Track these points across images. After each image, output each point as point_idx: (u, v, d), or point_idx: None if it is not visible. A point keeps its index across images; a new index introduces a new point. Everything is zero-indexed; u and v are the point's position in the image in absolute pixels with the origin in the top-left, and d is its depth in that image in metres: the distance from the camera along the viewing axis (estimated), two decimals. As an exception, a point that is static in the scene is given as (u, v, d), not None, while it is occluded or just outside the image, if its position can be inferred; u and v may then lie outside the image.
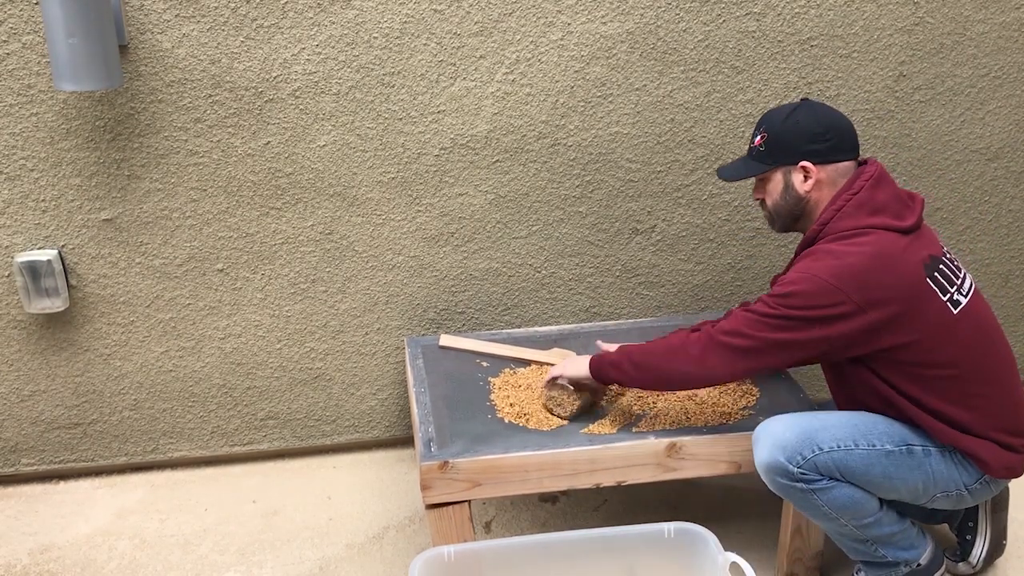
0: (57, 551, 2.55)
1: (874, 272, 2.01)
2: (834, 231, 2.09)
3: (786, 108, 2.18)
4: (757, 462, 2.11)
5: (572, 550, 2.08)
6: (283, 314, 2.78)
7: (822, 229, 2.11)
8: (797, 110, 2.15)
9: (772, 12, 2.66)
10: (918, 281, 2.05)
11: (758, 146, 2.18)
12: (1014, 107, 2.89)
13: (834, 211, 2.10)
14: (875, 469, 2.07)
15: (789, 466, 2.05)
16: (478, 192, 2.73)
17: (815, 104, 2.17)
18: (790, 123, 2.13)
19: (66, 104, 2.46)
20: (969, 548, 2.35)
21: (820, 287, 2.00)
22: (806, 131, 2.12)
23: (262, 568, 2.48)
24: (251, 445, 2.93)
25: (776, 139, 2.15)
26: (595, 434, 2.27)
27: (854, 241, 2.05)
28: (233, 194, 2.62)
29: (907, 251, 2.05)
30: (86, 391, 2.77)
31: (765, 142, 2.17)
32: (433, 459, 2.16)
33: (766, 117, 2.20)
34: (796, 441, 2.06)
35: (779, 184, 2.18)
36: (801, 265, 2.09)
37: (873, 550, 2.19)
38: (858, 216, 2.08)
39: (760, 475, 2.11)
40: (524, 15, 2.56)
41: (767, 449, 2.08)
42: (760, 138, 2.18)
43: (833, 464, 2.05)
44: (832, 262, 2.03)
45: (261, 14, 2.46)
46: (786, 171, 2.16)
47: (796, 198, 2.16)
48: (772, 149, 2.16)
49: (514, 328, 2.89)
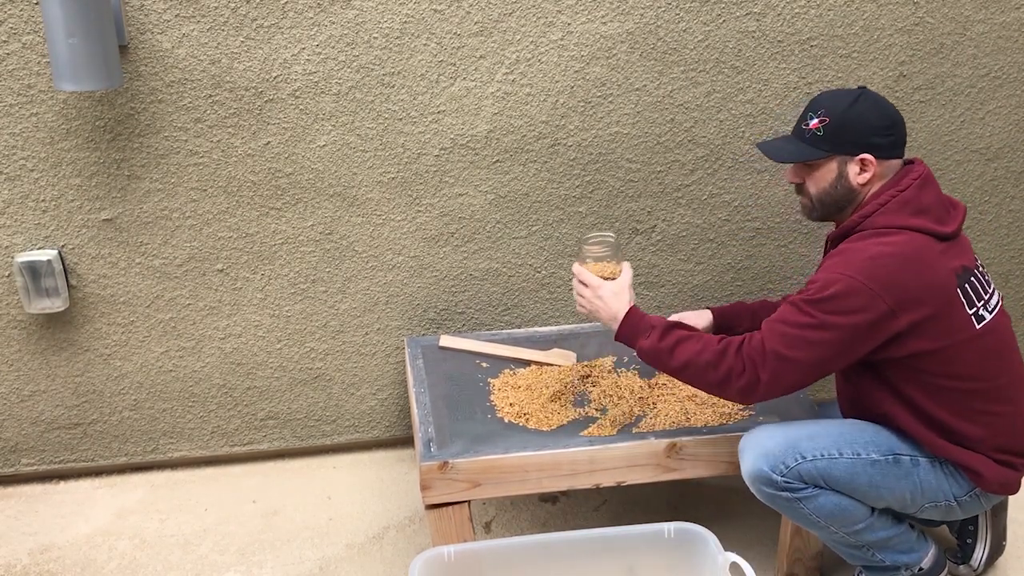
0: (57, 551, 2.55)
1: (907, 274, 1.97)
2: (872, 226, 2.04)
3: (846, 94, 2.09)
4: (743, 472, 2.10)
5: (572, 550, 2.07)
6: (283, 314, 2.78)
7: (862, 222, 2.06)
8: (861, 99, 2.07)
9: (772, 12, 2.66)
10: (949, 289, 2.01)
11: (814, 129, 2.09)
12: (1014, 107, 2.89)
13: (878, 205, 2.05)
14: (860, 478, 2.05)
15: (773, 475, 2.04)
16: (478, 192, 2.73)
17: (875, 95, 2.10)
18: (855, 112, 2.06)
19: (66, 104, 2.46)
20: (970, 552, 2.34)
21: (856, 288, 1.95)
22: (871, 123, 2.06)
23: (262, 568, 2.48)
24: (251, 445, 2.93)
25: (839, 126, 2.06)
26: (595, 435, 2.27)
27: (888, 240, 2.00)
28: (233, 194, 2.62)
29: (941, 257, 2.02)
30: (86, 391, 2.77)
31: (825, 127, 2.07)
32: (433, 459, 2.16)
33: (824, 100, 2.11)
34: (779, 450, 2.04)
35: (831, 173, 2.10)
36: (834, 264, 2.02)
37: (870, 555, 2.18)
38: (900, 214, 2.03)
39: (747, 484, 2.11)
40: (524, 15, 2.56)
41: (751, 459, 2.07)
42: (818, 121, 2.08)
43: (817, 472, 2.03)
44: (867, 262, 1.98)
45: (261, 14, 2.46)
46: (842, 160, 2.08)
47: (848, 189, 2.10)
48: (832, 136, 2.07)
49: (514, 328, 2.90)
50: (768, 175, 2.84)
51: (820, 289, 1.98)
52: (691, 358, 2.05)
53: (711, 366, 2.04)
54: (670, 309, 2.96)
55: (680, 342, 2.07)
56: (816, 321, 1.97)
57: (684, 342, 2.07)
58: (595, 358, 2.62)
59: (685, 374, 2.08)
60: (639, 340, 2.12)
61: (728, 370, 2.02)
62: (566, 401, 2.43)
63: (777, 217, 2.89)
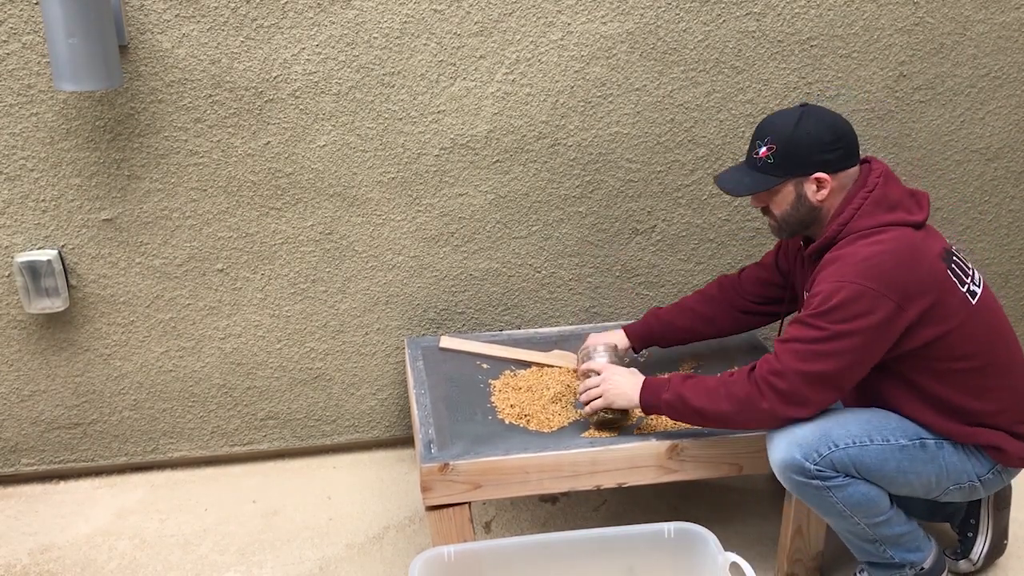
0: (57, 551, 2.55)
1: (903, 268, 1.99)
2: (854, 230, 2.06)
3: (789, 116, 2.10)
4: (772, 460, 2.10)
5: (572, 550, 2.07)
6: (283, 314, 2.77)
7: (841, 230, 2.08)
8: (804, 119, 2.08)
9: (772, 12, 2.66)
10: (941, 273, 2.04)
11: (764, 158, 2.10)
12: (1014, 107, 2.89)
13: (853, 211, 2.07)
14: (889, 464, 2.08)
15: (806, 463, 2.05)
16: (478, 192, 2.73)
17: (817, 109, 2.11)
18: (800, 133, 2.07)
19: (66, 104, 2.46)
20: (970, 545, 2.35)
21: (859, 292, 1.97)
22: (817, 141, 2.06)
23: (262, 568, 2.48)
24: (251, 445, 2.93)
25: (787, 151, 2.08)
26: (596, 436, 2.27)
27: (877, 239, 2.02)
28: (233, 194, 2.62)
29: (925, 244, 2.05)
30: (86, 391, 2.77)
31: (774, 154, 2.09)
32: (433, 461, 2.16)
33: (769, 126, 2.12)
34: (812, 438, 2.05)
35: (789, 195, 2.12)
36: (830, 273, 2.03)
37: (881, 551, 2.19)
38: (876, 214, 2.06)
39: (776, 473, 2.11)
40: (524, 15, 2.56)
41: (783, 447, 2.07)
42: (767, 149, 2.10)
43: (849, 460, 2.05)
44: (862, 265, 1.99)
45: (261, 14, 2.45)
46: (798, 182, 2.10)
47: (810, 208, 2.12)
48: (782, 161, 2.09)
49: (514, 328, 2.90)
50: (768, 175, 2.84)
51: (824, 300, 1.99)
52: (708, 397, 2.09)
53: (725, 398, 2.07)
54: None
55: (698, 386, 2.12)
56: (828, 333, 1.98)
57: (702, 384, 2.12)
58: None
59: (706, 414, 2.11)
60: (662, 395, 2.16)
61: (746, 396, 2.05)
62: (567, 402, 2.43)
63: (777, 217, 2.89)
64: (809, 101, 2.76)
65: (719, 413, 2.09)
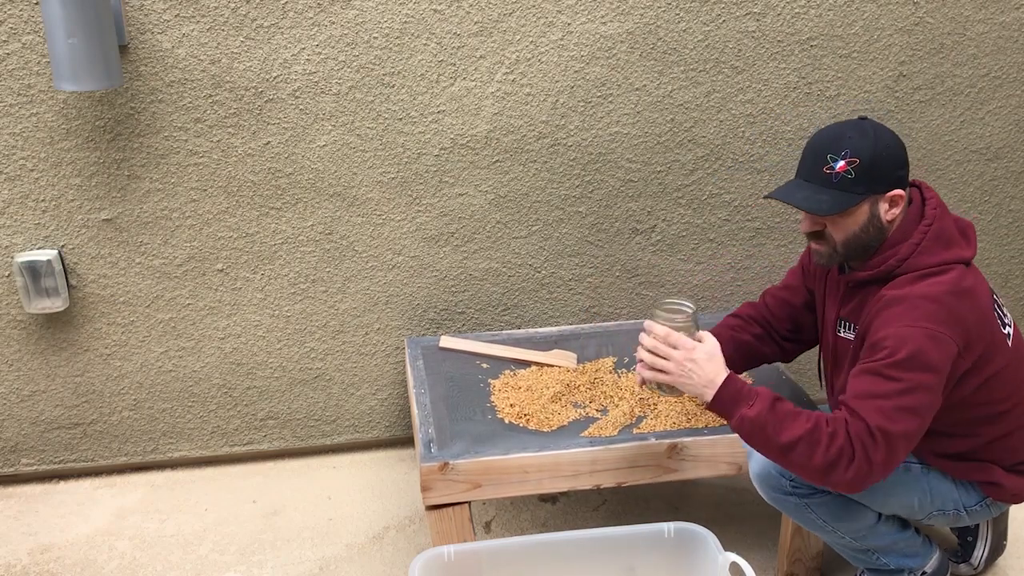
0: (57, 551, 2.55)
1: (965, 311, 1.88)
2: (914, 268, 1.93)
3: (860, 128, 1.93)
4: (751, 473, 2.09)
5: (572, 550, 2.07)
6: (283, 314, 2.77)
7: (899, 265, 1.93)
8: (878, 132, 1.92)
9: (772, 12, 2.66)
10: (991, 316, 1.95)
11: (843, 172, 1.90)
12: (1014, 107, 2.89)
13: (913, 246, 1.93)
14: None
15: (782, 479, 2.03)
16: (478, 192, 2.73)
17: (877, 123, 1.96)
18: (882, 146, 1.90)
19: (66, 104, 2.46)
20: (971, 550, 2.34)
21: (932, 338, 1.83)
22: (896, 155, 1.92)
23: (262, 568, 2.48)
24: (251, 445, 2.93)
25: (871, 165, 1.89)
26: (595, 436, 2.27)
27: (939, 280, 1.90)
28: (233, 194, 2.62)
29: (978, 284, 1.95)
30: (86, 391, 2.77)
31: (856, 168, 1.90)
32: (433, 460, 2.16)
33: (842, 139, 1.93)
34: None
35: (863, 215, 1.93)
36: (895, 316, 1.87)
37: (874, 559, 2.17)
38: (935, 251, 1.93)
39: (755, 487, 2.10)
40: (524, 15, 2.56)
41: (760, 461, 2.06)
42: (846, 163, 1.90)
43: None
44: (932, 307, 1.86)
45: (261, 14, 2.46)
46: (873, 200, 1.93)
47: (879, 229, 1.95)
48: (866, 176, 1.90)
49: (514, 328, 2.89)
50: (768, 175, 2.84)
51: (896, 349, 1.83)
52: (801, 435, 1.83)
53: (820, 446, 1.82)
54: (670, 309, 2.96)
55: (790, 417, 1.85)
56: (908, 385, 1.82)
57: (795, 418, 1.85)
58: (595, 359, 2.62)
59: (790, 454, 1.84)
60: (741, 408, 1.88)
61: (839, 453, 1.81)
62: (567, 402, 2.43)
63: (777, 217, 2.89)
64: (809, 101, 2.77)
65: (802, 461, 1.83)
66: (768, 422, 1.85)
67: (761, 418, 1.85)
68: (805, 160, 1.98)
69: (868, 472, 1.81)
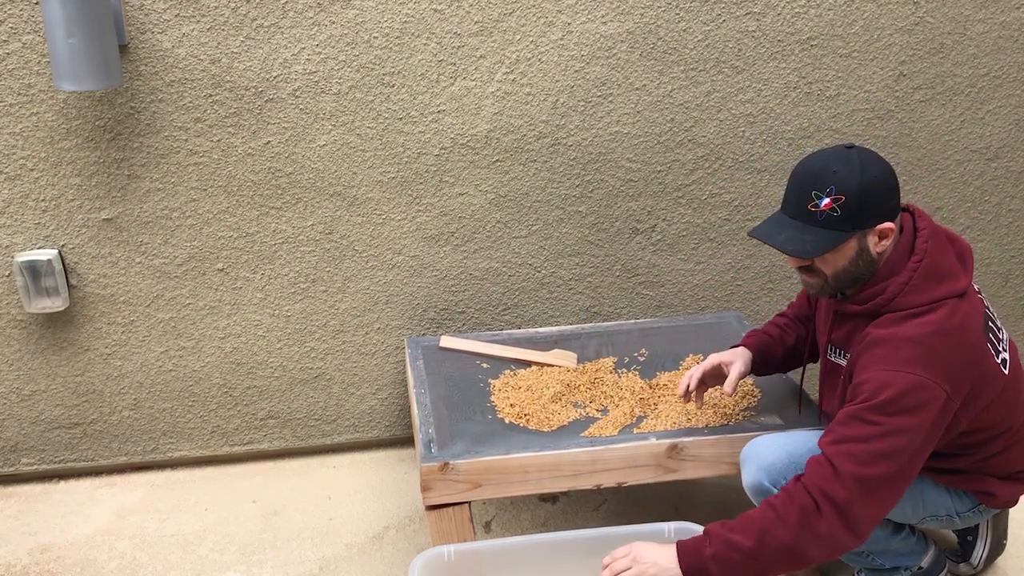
0: (57, 551, 2.55)
1: (952, 353, 1.84)
2: (901, 306, 1.89)
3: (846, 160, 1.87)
4: (744, 483, 2.09)
5: (572, 550, 2.07)
6: (283, 314, 2.77)
7: (887, 304, 1.90)
8: (864, 163, 1.86)
9: (772, 12, 2.66)
10: (982, 349, 1.90)
11: (828, 211, 1.85)
12: (1014, 107, 2.89)
13: (901, 284, 1.89)
14: None
15: (773, 490, 2.02)
16: (478, 192, 2.73)
17: (868, 152, 1.90)
18: (868, 180, 1.84)
19: (66, 104, 2.46)
20: (970, 549, 2.34)
21: (915, 384, 1.79)
22: (885, 188, 1.86)
23: (262, 568, 2.48)
24: (251, 445, 2.93)
25: (858, 202, 1.84)
26: (596, 436, 2.27)
27: (927, 320, 1.85)
28: (233, 194, 2.62)
29: (969, 319, 1.89)
30: (86, 391, 2.77)
31: (842, 206, 1.84)
32: (433, 460, 2.16)
33: (827, 174, 1.86)
34: (781, 465, 2.02)
35: (851, 251, 1.89)
36: (878, 358, 1.84)
37: (870, 559, 2.18)
38: (926, 288, 1.88)
39: (748, 496, 2.10)
40: (524, 15, 2.56)
41: (752, 472, 2.06)
42: (831, 200, 1.85)
43: None
44: (916, 351, 1.82)
45: (261, 14, 2.45)
46: (861, 236, 1.88)
47: (869, 262, 1.91)
48: (852, 214, 1.85)
49: (514, 328, 2.89)
50: (768, 175, 2.84)
51: (876, 392, 1.81)
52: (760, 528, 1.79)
53: (780, 522, 1.78)
54: (670, 309, 2.96)
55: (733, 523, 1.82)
56: (885, 429, 1.79)
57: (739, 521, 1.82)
58: (596, 358, 2.62)
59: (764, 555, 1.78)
60: (704, 551, 1.81)
61: (802, 512, 1.77)
62: (567, 402, 2.43)
63: (777, 217, 2.89)
64: (809, 101, 2.77)
65: (778, 545, 1.77)
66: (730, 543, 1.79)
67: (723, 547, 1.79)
68: (790, 196, 1.93)
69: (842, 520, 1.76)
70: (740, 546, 1.78)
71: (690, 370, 2.26)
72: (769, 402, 2.41)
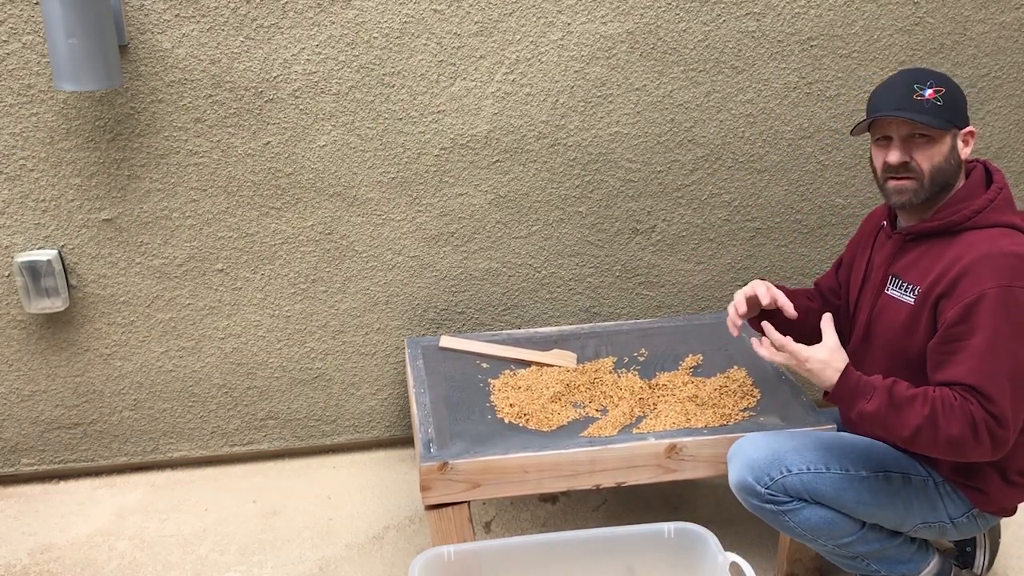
0: (57, 551, 2.55)
1: None
2: (986, 222, 1.95)
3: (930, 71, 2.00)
4: (730, 481, 2.09)
5: (572, 550, 2.08)
6: (283, 314, 2.78)
7: (974, 217, 1.96)
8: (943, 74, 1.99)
9: (772, 12, 2.66)
10: None
11: (933, 99, 1.94)
12: (1014, 107, 2.89)
13: (988, 200, 1.96)
14: (847, 494, 2.01)
15: (757, 487, 2.02)
16: (478, 192, 2.73)
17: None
18: (955, 85, 1.98)
19: (66, 104, 2.46)
20: (971, 560, 2.29)
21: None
22: (964, 97, 2.00)
23: (262, 568, 2.48)
24: (251, 445, 2.93)
25: (953, 97, 1.96)
26: (595, 435, 2.27)
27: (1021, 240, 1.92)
28: (233, 194, 2.62)
29: None
30: (86, 391, 2.77)
31: (944, 96, 1.95)
32: (433, 460, 2.16)
33: (927, 73, 1.99)
34: (765, 462, 2.02)
35: (946, 146, 1.96)
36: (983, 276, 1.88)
37: (864, 565, 2.13)
38: (1007, 212, 1.96)
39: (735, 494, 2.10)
40: (524, 15, 2.56)
41: (737, 469, 2.06)
42: (933, 91, 1.95)
43: (802, 486, 2.00)
44: (1016, 262, 1.87)
45: (261, 14, 2.46)
46: (954, 134, 1.98)
47: (957, 165, 1.99)
48: (951, 106, 1.96)
49: (514, 328, 2.89)
50: (768, 175, 2.84)
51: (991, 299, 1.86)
52: (920, 424, 1.86)
53: (941, 432, 1.86)
54: (670, 309, 2.96)
55: (906, 404, 1.89)
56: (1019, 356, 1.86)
57: (911, 404, 1.88)
58: (595, 359, 2.62)
59: (913, 444, 1.90)
60: (859, 402, 1.91)
61: (960, 439, 1.85)
62: (566, 402, 2.43)
63: (777, 217, 2.89)
64: (809, 101, 2.77)
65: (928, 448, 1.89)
66: (887, 416, 1.89)
67: (880, 413, 1.89)
68: (892, 92, 1.99)
69: (994, 450, 1.86)
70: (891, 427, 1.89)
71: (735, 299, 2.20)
72: (769, 402, 2.41)
